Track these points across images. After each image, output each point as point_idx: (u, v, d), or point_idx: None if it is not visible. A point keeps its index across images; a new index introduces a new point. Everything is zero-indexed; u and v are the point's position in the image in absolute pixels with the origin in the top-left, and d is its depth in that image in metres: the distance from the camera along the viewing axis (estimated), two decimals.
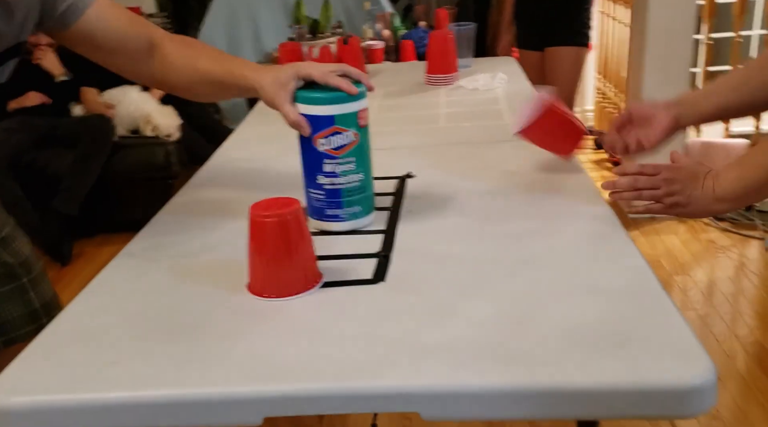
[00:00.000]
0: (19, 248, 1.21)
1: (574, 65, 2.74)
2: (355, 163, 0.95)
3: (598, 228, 0.94)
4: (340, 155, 0.94)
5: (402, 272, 0.86)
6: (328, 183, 0.95)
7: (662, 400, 0.63)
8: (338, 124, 0.92)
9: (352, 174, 0.96)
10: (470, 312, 0.75)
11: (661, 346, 0.67)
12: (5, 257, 1.18)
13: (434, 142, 1.40)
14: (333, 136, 0.93)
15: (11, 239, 1.19)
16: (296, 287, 0.82)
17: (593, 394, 0.63)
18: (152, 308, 0.81)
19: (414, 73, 2.03)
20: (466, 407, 0.64)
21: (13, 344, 1.21)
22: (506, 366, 0.65)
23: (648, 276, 0.81)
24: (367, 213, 1.00)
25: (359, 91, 0.93)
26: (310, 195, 0.99)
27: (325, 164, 0.94)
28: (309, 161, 0.96)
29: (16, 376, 0.69)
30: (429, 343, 0.70)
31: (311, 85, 0.95)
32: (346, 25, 3.85)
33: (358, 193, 0.97)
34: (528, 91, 1.75)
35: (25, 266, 1.20)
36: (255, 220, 0.79)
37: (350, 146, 0.94)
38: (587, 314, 0.73)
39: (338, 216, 0.98)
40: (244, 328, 0.76)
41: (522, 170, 1.19)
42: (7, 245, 1.18)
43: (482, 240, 0.94)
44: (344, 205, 0.97)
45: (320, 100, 0.92)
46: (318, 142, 0.93)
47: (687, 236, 2.73)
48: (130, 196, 2.97)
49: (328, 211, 0.98)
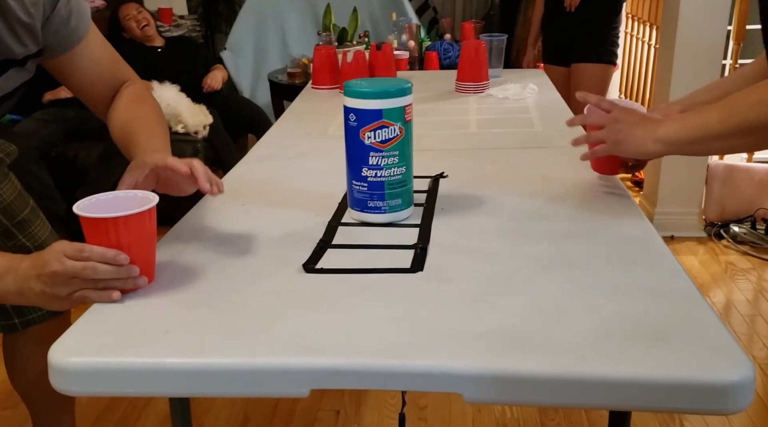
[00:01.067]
0: (36, 232, 1.23)
1: (600, 82, 2.77)
2: (399, 157, 0.98)
3: (632, 231, 0.96)
4: (385, 148, 0.97)
5: (439, 263, 0.89)
6: (371, 175, 0.98)
7: (701, 395, 0.64)
8: (385, 118, 0.95)
9: (396, 167, 0.99)
10: (508, 304, 0.77)
11: (699, 343, 0.69)
12: (23, 241, 1.21)
13: (465, 147, 1.42)
14: (379, 130, 0.96)
15: (29, 222, 1.22)
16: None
17: (631, 384, 0.65)
18: (198, 283, 0.84)
19: (443, 81, 2.06)
20: (508, 391, 0.65)
21: (30, 325, 1.24)
22: (545, 354, 0.67)
23: (683, 278, 0.82)
24: (406, 206, 1.03)
25: (406, 86, 0.96)
26: (352, 187, 1.01)
27: (371, 157, 0.97)
28: (354, 154, 0.99)
29: (73, 339, 0.71)
30: (469, 329, 0.72)
31: (359, 80, 0.99)
32: (373, 34, 3.90)
33: (399, 187, 1.00)
34: (558, 102, 1.77)
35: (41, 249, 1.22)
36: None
37: (395, 140, 0.97)
38: (625, 310, 0.75)
39: (380, 208, 1.00)
40: (287, 305, 0.78)
41: (554, 175, 1.21)
42: (24, 229, 1.21)
43: (517, 238, 0.95)
44: (386, 198, 1.00)
45: (368, 94, 0.95)
46: (364, 135, 0.96)
47: (706, 257, 2.73)
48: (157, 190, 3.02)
49: (369, 203, 1.00)
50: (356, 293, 0.81)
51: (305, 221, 1.04)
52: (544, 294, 0.79)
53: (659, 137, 0.97)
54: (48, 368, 0.69)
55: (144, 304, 0.79)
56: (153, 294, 0.81)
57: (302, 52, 3.79)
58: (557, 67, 2.88)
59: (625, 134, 1.01)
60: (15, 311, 1.23)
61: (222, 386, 0.67)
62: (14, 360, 1.32)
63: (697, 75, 2.70)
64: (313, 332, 0.72)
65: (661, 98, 2.91)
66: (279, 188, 1.20)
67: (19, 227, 1.21)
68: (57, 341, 0.70)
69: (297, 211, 1.08)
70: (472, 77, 1.88)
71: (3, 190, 1.19)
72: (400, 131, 0.97)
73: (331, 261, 0.90)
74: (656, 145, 0.98)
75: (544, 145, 1.41)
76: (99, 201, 0.83)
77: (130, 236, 0.78)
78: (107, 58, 1.09)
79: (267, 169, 1.31)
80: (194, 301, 0.80)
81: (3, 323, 1.23)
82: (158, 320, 0.75)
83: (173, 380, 0.67)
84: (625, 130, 1.01)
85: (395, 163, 0.98)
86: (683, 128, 0.95)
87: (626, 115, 1.03)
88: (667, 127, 0.97)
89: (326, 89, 2.03)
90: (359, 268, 0.87)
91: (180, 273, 0.87)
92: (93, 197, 0.83)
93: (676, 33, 2.70)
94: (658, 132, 0.97)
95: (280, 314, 0.76)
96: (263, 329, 0.73)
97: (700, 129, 0.93)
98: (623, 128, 1.01)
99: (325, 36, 3.28)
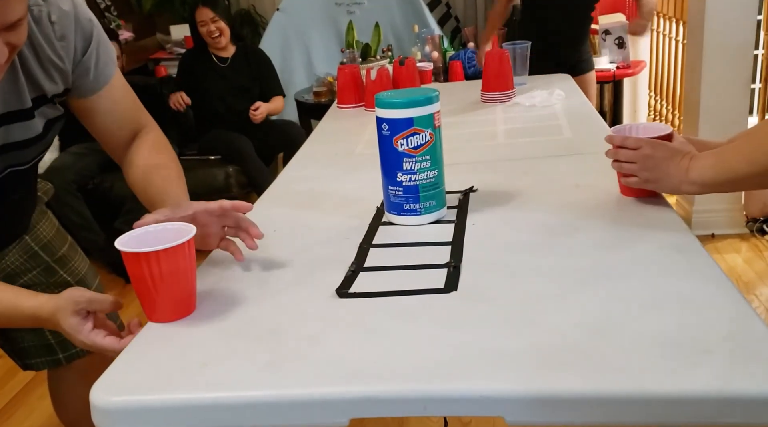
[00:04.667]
0: (76, 266, 1.26)
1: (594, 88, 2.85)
2: (431, 161, 1.05)
3: (671, 239, 0.94)
4: (417, 154, 1.03)
5: (473, 281, 0.87)
6: (406, 180, 1.05)
7: (752, 408, 0.62)
8: (417, 125, 1.02)
9: (428, 171, 1.05)
10: (547, 321, 0.76)
11: (747, 353, 0.66)
12: (64, 276, 1.23)
13: (494, 158, 1.41)
14: (412, 137, 1.02)
15: (68, 258, 1.25)
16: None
17: (680, 401, 0.63)
18: (233, 312, 0.84)
19: (468, 92, 2.05)
20: (551, 412, 0.64)
21: (75, 359, 1.26)
22: (589, 372, 0.66)
23: (728, 286, 0.80)
24: (441, 207, 1.09)
25: (434, 94, 1.03)
26: (388, 192, 1.08)
27: (405, 163, 1.04)
28: (388, 161, 1.05)
29: (113, 377, 0.72)
30: (507, 349, 0.71)
31: (390, 92, 1.07)
32: (396, 48, 3.91)
33: (432, 189, 1.06)
34: (587, 107, 1.75)
35: (82, 283, 1.26)
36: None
37: (427, 145, 1.03)
38: (668, 322, 0.73)
39: (416, 210, 1.07)
40: (323, 331, 0.78)
41: (587, 183, 1.19)
42: (64, 264, 1.24)
43: (552, 252, 0.94)
44: (421, 200, 1.06)
45: (399, 104, 1.02)
46: (398, 142, 1.03)
47: (750, 254, 2.65)
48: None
49: (406, 206, 1.07)
50: (391, 317, 0.80)
51: (338, 243, 1.04)
52: (583, 309, 0.77)
53: (694, 180, 0.95)
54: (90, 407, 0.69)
55: (183, 335, 0.80)
56: (191, 325, 0.82)
57: (327, 70, 3.82)
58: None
59: (658, 173, 1.00)
60: (59, 347, 1.25)
61: (259, 418, 0.67)
62: (60, 395, 1.34)
63: (729, 68, 2.64)
64: (350, 359, 0.71)
65: (692, 95, 2.85)
66: (309, 211, 1.20)
67: (60, 263, 1.24)
68: (98, 380, 0.71)
69: (328, 233, 1.08)
70: (497, 87, 1.86)
71: (42, 228, 1.22)
72: (431, 137, 1.03)
73: (364, 284, 0.89)
74: (692, 186, 0.96)
75: (574, 152, 1.39)
76: (141, 234, 0.85)
77: (169, 267, 0.79)
78: (129, 102, 1.11)
79: (297, 192, 1.32)
80: (230, 331, 0.80)
81: (48, 359, 1.26)
82: (196, 352, 0.76)
83: (212, 415, 0.67)
84: (658, 169, 1.00)
85: (428, 167, 1.04)
86: (714, 168, 0.93)
87: (656, 150, 1.00)
88: (701, 169, 0.95)
89: (352, 108, 2.03)
90: (392, 290, 0.87)
91: (216, 303, 0.87)
92: (136, 231, 0.85)
93: (704, 27, 2.65)
94: (691, 174, 0.96)
95: (316, 341, 0.76)
96: (299, 358, 0.72)
97: (733, 171, 0.91)
98: (655, 166, 1.00)
99: (349, 53, 3.30)
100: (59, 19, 0.96)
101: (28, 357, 1.26)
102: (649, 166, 1.01)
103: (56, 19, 0.95)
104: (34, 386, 2.19)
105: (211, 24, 3.10)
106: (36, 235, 1.20)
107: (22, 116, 0.96)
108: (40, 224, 1.22)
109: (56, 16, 0.95)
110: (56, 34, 0.96)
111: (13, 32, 0.82)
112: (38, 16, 0.94)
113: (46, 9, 0.95)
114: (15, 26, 0.82)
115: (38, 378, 2.18)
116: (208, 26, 3.11)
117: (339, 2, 4.02)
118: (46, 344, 1.24)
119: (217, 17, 3.12)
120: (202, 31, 3.13)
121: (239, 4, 4.58)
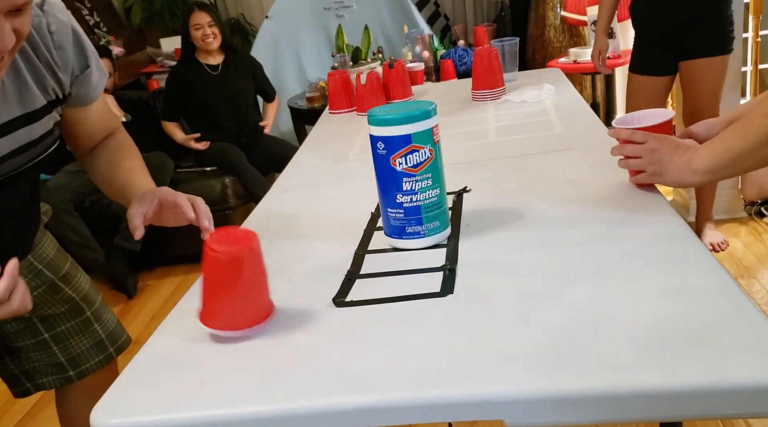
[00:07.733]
0: (80, 283, 1.28)
1: (721, 78, 2.35)
2: (432, 179, 0.97)
3: (664, 230, 0.94)
4: (417, 173, 0.95)
5: (469, 283, 0.88)
6: (407, 201, 0.97)
7: (748, 399, 0.62)
8: (415, 142, 0.94)
9: (430, 189, 0.97)
10: (544, 320, 0.76)
11: (743, 344, 0.66)
12: (69, 293, 1.24)
13: (486, 157, 1.41)
14: (410, 155, 0.94)
15: (71, 275, 1.26)
16: (244, 322, 0.80)
17: (677, 395, 0.63)
18: None
19: (458, 91, 2.05)
20: (552, 413, 0.64)
21: (85, 375, 1.27)
22: (589, 371, 0.66)
23: (723, 276, 0.80)
24: (444, 227, 1.01)
25: (431, 108, 0.95)
26: (388, 215, 1.00)
27: (404, 183, 0.96)
28: (386, 182, 0.97)
29: (113, 399, 0.72)
30: (506, 351, 0.71)
31: (382, 108, 0.98)
32: (386, 49, 3.91)
33: (435, 209, 0.99)
34: (577, 101, 1.75)
35: (86, 299, 1.27)
36: (207, 252, 0.77)
37: (427, 163, 0.95)
38: (663, 315, 0.73)
39: (419, 233, 0.99)
40: (320, 342, 0.78)
41: (579, 178, 1.19)
42: (69, 281, 1.25)
43: (546, 249, 0.94)
44: (424, 222, 0.98)
45: (395, 120, 0.93)
46: (395, 161, 0.95)
47: (749, 238, 2.65)
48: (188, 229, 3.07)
49: (408, 228, 0.99)
50: (388, 323, 0.81)
51: (332, 251, 1.04)
52: (580, 306, 0.78)
53: (696, 169, 0.98)
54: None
55: (181, 353, 0.80)
56: (187, 342, 0.82)
57: (319, 75, 3.83)
58: (652, 78, 2.44)
59: (663, 166, 1.02)
60: (70, 364, 1.26)
61: None
62: (69, 415, 1.35)
63: None
64: (347, 368, 0.72)
65: None
66: (304, 220, 1.20)
67: (65, 280, 1.25)
68: (98, 403, 0.71)
69: (323, 241, 1.08)
70: (486, 85, 1.87)
71: (44, 247, 1.23)
72: (431, 153, 0.96)
73: (360, 292, 0.89)
74: (695, 176, 0.98)
75: (566, 147, 1.39)
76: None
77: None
78: (107, 108, 1.21)
79: (291, 201, 1.32)
80: (228, 346, 0.80)
81: (59, 377, 1.27)
82: (195, 369, 0.76)
83: None
84: (663, 162, 1.02)
85: (429, 186, 0.97)
86: (716, 154, 0.95)
87: (661, 144, 1.03)
88: (701, 156, 0.97)
89: (344, 113, 2.04)
90: (389, 297, 0.87)
91: None
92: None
93: None
94: (693, 163, 0.98)
95: (313, 352, 0.76)
96: (297, 371, 0.72)
97: (730, 150, 0.93)
98: (660, 159, 1.03)
99: (340, 57, 3.30)
100: (57, 30, 0.99)
101: (38, 377, 1.26)
102: (654, 159, 1.03)
103: (54, 30, 0.99)
104: (40, 408, 2.20)
105: (207, 27, 3.12)
106: (38, 254, 1.21)
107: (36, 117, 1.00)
108: (41, 243, 1.23)
109: (54, 26, 0.99)
110: (54, 44, 0.99)
111: (20, 18, 0.84)
112: (38, 25, 0.97)
113: (45, 19, 0.98)
114: (22, 11, 0.83)
115: (43, 400, 2.18)
116: (204, 29, 3.11)
117: (327, 6, 4.02)
118: (57, 363, 1.25)
119: (213, 22, 3.14)
120: (196, 35, 3.13)
121: (228, 13, 4.59)
